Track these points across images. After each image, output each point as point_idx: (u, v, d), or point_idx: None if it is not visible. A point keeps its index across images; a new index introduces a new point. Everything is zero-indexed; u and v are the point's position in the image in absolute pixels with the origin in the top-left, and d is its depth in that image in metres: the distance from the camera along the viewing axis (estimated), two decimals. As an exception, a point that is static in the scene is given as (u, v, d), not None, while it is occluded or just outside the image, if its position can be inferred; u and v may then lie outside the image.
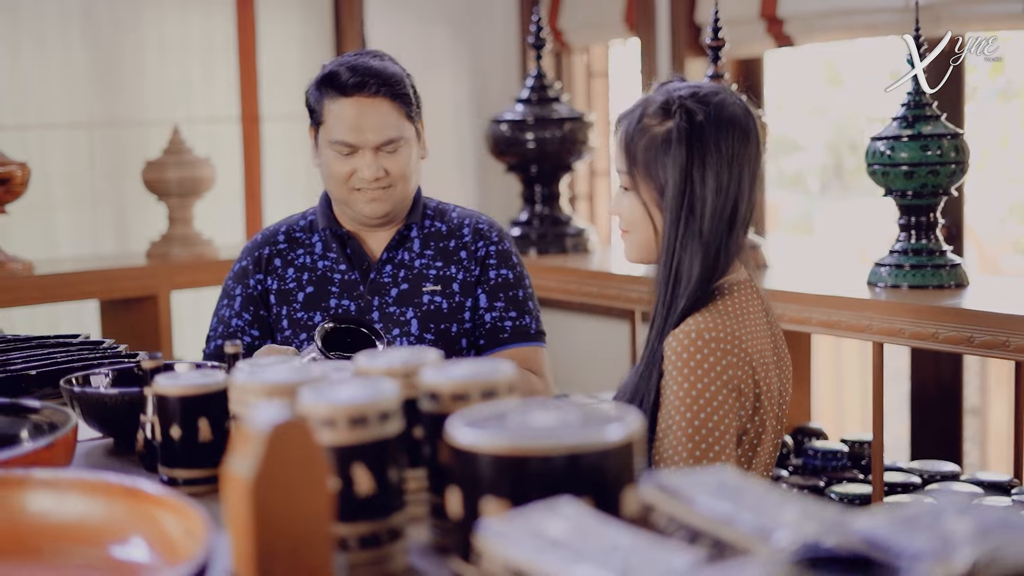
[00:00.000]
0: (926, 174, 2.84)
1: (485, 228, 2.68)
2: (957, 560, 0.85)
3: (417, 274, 2.61)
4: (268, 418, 1.06)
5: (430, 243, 2.64)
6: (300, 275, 2.63)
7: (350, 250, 2.64)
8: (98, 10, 4.59)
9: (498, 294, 2.62)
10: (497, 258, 2.65)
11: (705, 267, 2.03)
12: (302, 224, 2.69)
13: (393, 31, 5.27)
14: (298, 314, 2.59)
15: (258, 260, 2.65)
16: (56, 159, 4.53)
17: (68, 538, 1.26)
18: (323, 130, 2.56)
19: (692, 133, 2.02)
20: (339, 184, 2.56)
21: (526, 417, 1.20)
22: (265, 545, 1.05)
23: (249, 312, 2.63)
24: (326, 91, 2.55)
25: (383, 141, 2.53)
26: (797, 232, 7.75)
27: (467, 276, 2.62)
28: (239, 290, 2.64)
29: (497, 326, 2.61)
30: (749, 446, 2.04)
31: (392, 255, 2.63)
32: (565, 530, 1.01)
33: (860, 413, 5.46)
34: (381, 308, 2.59)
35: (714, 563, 0.91)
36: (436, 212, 2.69)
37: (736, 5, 4.33)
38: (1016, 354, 2.56)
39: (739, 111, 2.06)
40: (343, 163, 2.55)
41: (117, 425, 1.83)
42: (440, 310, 2.59)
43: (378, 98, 2.53)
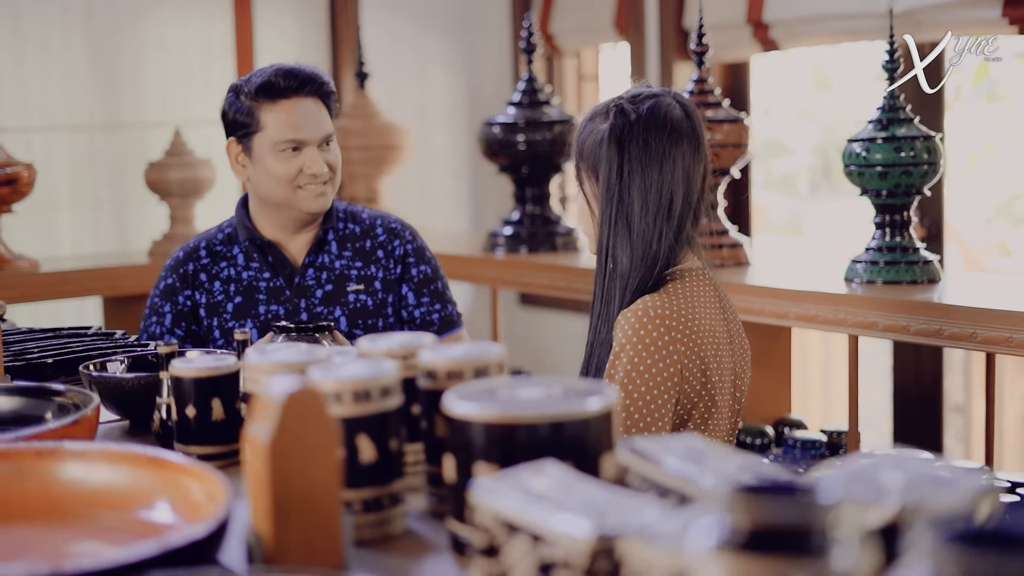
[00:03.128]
0: (899, 174, 2.96)
1: (398, 227, 2.85)
2: (887, 505, 0.98)
3: (340, 275, 2.77)
4: (283, 387, 1.18)
5: (347, 244, 2.80)
6: (227, 287, 2.75)
7: (271, 258, 2.76)
8: (99, 15, 4.71)
9: (423, 289, 2.81)
10: (415, 255, 2.83)
11: (637, 256, 2.19)
12: (220, 238, 2.81)
13: (388, 35, 5.39)
14: (229, 324, 2.73)
15: (184, 276, 2.76)
16: (59, 160, 4.65)
17: (98, 504, 1.38)
18: (262, 137, 2.69)
19: (624, 131, 2.19)
20: (285, 185, 2.69)
21: (514, 391, 1.33)
22: (280, 501, 1.17)
23: (181, 328, 2.75)
24: (261, 100, 2.68)
25: (324, 136, 2.71)
26: (786, 233, 7.86)
27: (387, 274, 2.79)
28: (168, 307, 2.76)
29: (427, 320, 2.81)
30: (700, 420, 2.19)
31: (313, 259, 2.77)
32: (548, 486, 1.14)
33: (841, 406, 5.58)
34: (309, 309, 2.74)
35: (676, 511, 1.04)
36: (348, 215, 2.84)
37: (723, 10, 4.44)
38: (983, 345, 2.68)
39: (676, 112, 2.21)
40: (289, 162, 2.68)
41: (134, 408, 1.95)
42: (366, 307, 2.76)
43: (312, 98, 2.71)
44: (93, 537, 1.35)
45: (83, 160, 4.73)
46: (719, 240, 3.45)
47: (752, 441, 3.49)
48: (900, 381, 4.10)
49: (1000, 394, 4.91)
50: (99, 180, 4.75)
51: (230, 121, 2.73)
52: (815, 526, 0.74)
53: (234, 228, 2.80)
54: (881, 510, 0.98)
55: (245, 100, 2.70)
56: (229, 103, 2.73)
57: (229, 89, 2.76)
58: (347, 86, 5.20)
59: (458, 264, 4.02)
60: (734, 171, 3.46)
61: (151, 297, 2.80)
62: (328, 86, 2.75)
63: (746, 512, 0.76)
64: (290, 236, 2.77)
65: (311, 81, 2.71)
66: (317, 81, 2.72)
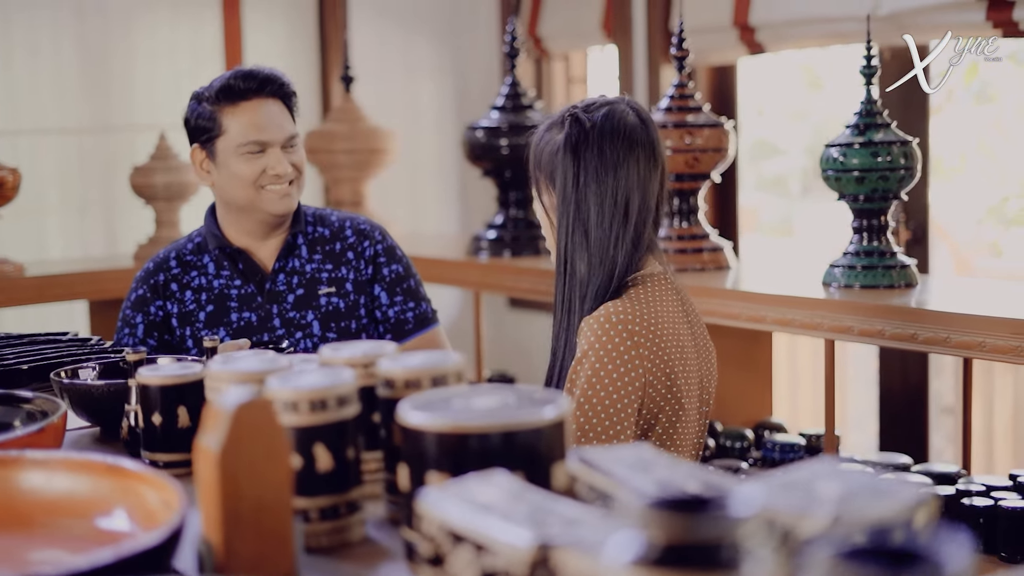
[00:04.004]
0: (876, 179, 2.98)
1: (367, 228, 2.85)
2: (818, 516, 0.99)
3: (311, 279, 2.77)
4: (234, 398, 1.20)
5: (316, 248, 2.80)
6: (198, 296, 2.76)
7: (241, 265, 2.77)
8: (89, 18, 4.72)
9: (395, 288, 2.82)
10: (386, 255, 2.83)
11: (595, 263, 2.20)
12: (190, 247, 2.82)
13: (377, 39, 5.40)
14: (201, 332, 2.73)
15: (155, 287, 2.77)
16: (47, 164, 4.66)
17: (59, 512, 1.39)
18: (224, 140, 2.69)
19: (579, 140, 2.21)
20: (248, 187, 2.69)
21: (469, 401, 1.35)
22: (230, 510, 1.18)
23: (153, 338, 2.75)
24: (223, 103, 2.68)
25: (287, 137, 2.71)
26: (777, 234, 7.87)
27: (358, 276, 2.80)
28: (140, 318, 2.76)
29: (401, 319, 2.82)
30: (668, 425, 2.20)
31: (283, 264, 2.77)
32: (494, 496, 1.15)
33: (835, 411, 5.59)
34: (281, 315, 2.74)
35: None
36: (316, 218, 2.85)
37: (709, 13, 4.45)
38: (956, 350, 2.70)
39: (630, 120, 2.23)
40: (253, 164, 2.69)
41: (103, 414, 1.96)
42: (338, 309, 2.76)
43: (273, 99, 2.71)
44: (54, 545, 1.36)
45: (72, 163, 4.74)
46: (699, 244, 3.46)
47: (732, 444, 3.51)
48: (886, 384, 4.11)
49: (991, 395, 4.93)
50: (88, 183, 4.77)
51: (192, 128, 2.74)
52: (727, 540, 0.76)
53: (203, 237, 2.80)
54: (812, 520, 0.99)
55: (207, 105, 2.70)
56: (191, 110, 2.74)
57: (191, 97, 2.76)
58: (335, 90, 5.22)
59: (442, 268, 4.04)
60: (715, 175, 3.48)
61: (123, 309, 2.80)
62: (288, 87, 2.75)
63: (659, 527, 0.77)
64: (259, 242, 2.78)
65: (270, 82, 2.71)
66: (277, 82, 2.72)
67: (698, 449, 2.31)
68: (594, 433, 2.11)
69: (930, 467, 3.22)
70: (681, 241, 3.47)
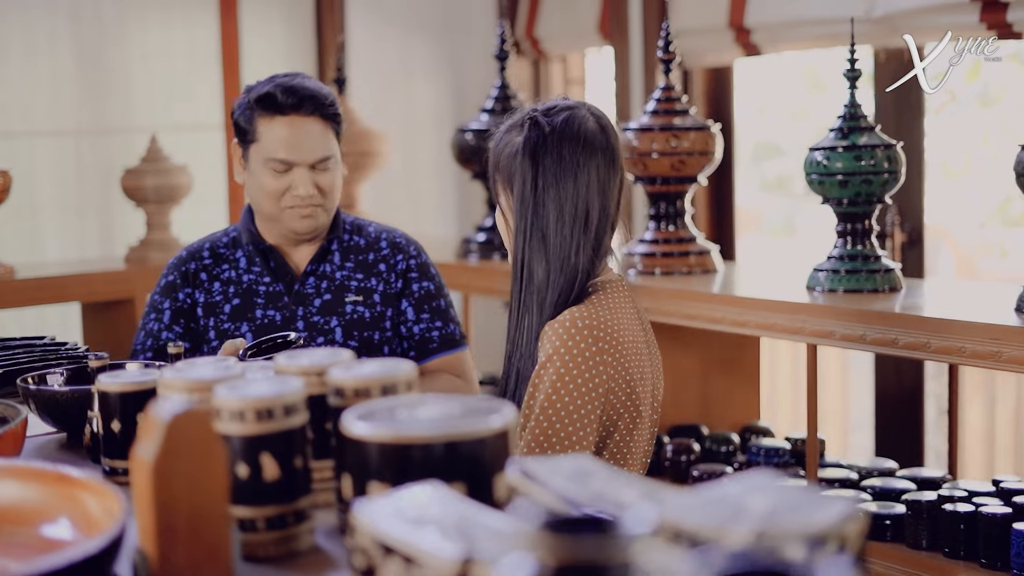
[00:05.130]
0: (859, 183, 2.97)
1: (403, 242, 2.82)
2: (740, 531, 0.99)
3: (339, 285, 2.75)
4: (169, 409, 1.20)
5: (349, 256, 2.78)
6: (226, 288, 2.74)
7: (273, 263, 2.75)
8: (85, 20, 4.72)
9: (423, 306, 2.77)
10: (418, 271, 2.80)
11: (555, 269, 2.19)
12: (225, 241, 2.81)
13: (373, 39, 5.40)
14: (225, 325, 2.71)
15: (185, 275, 2.76)
16: (43, 165, 4.67)
17: (5, 519, 1.39)
18: (256, 148, 2.68)
19: (537, 144, 2.19)
20: (272, 201, 2.68)
21: (414, 410, 1.34)
22: (165, 521, 1.18)
23: (179, 325, 2.74)
24: (261, 111, 2.66)
25: (317, 159, 2.67)
26: (779, 235, 7.85)
27: (387, 288, 2.76)
28: (167, 304, 2.75)
29: (425, 337, 2.76)
30: (625, 431, 2.19)
31: (315, 268, 2.75)
32: (427, 508, 1.15)
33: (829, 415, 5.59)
34: (306, 317, 2.71)
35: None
36: (353, 227, 2.82)
37: (705, 15, 4.45)
38: (937, 355, 2.69)
39: (590, 125, 2.21)
40: (277, 180, 2.66)
41: (69, 420, 1.97)
42: (363, 319, 2.73)
43: (312, 118, 2.67)
44: (2, 554, 1.36)
45: (68, 165, 4.75)
46: (686, 247, 3.46)
47: (717, 448, 3.50)
48: (882, 387, 4.10)
49: (993, 398, 4.92)
50: (84, 186, 4.77)
51: (235, 122, 2.73)
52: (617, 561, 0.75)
53: (239, 232, 2.79)
54: (733, 536, 0.98)
55: (248, 109, 2.69)
56: (238, 104, 2.72)
57: (244, 89, 2.74)
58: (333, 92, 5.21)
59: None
60: (701, 178, 3.47)
61: (151, 294, 2.80)
62: (332, 107, 2.71)
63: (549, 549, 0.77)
64: (293, 245, 2.77)
65: (311, 100, 2.67)
66: (317, 100, 2.68)
67: (648, 456, 2.31)
68: (556, 439, 2.10)
69: (916, 472, 3.21)
70: (667, 244, 3.46)
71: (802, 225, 7.90)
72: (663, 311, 3.25)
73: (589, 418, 2.12)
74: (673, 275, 3.43)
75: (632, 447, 2.22)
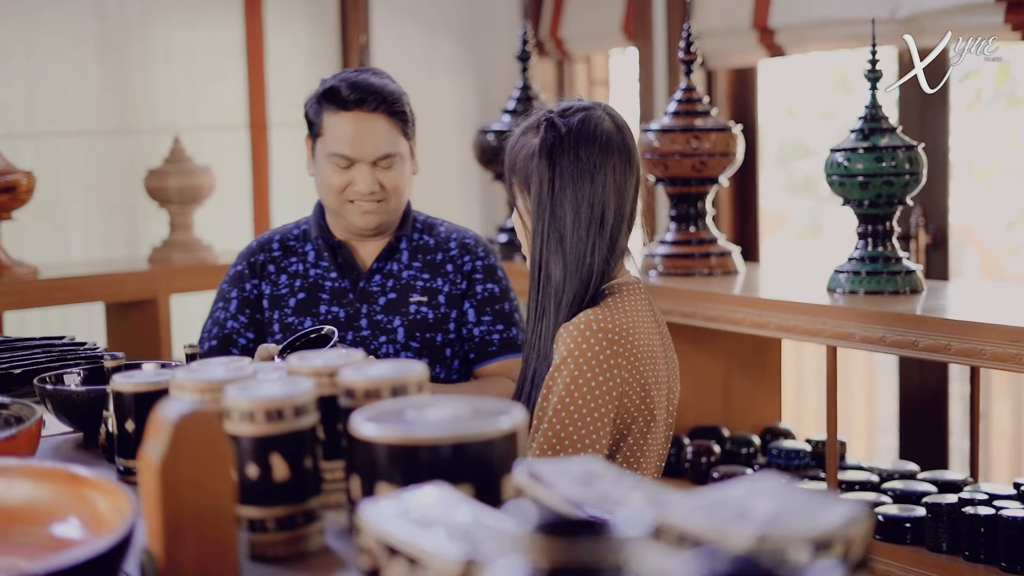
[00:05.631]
0: (880, 184, 2.96)
1: (471, 243, 2.80)
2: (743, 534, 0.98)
3: (405, 284, 2.73)
4: (175, 410, 1.20)
5: (417, 255, 2.76)
6: (292, 282, 2.74)
7: (341, 259, 2.75)
8: (110, 20, 4.74)
9: (485, 308, 2.74)
10: (483, 272, 2.77)
11: (571, 270, 2.17)
12: (295, 233, 2.81)
13: (398, 39, 5.40)
14: (289, 319, 2.71)
15: (253, 266, 2.77)
16: (68, 166, 4.69)
17: (17, 519, 1.40)
18: (321, 142, 2.68)
19: (554, 145, 2.18)
20: (334, 195, 2.68)
21: (423, 412, 1.34)
22: (171, 521, 1.19)
23: (245, 315, 2.74)
24: (326, 105, 2.66)
25: (379, 156, 2.66)
26: (805, 236, 7.83)
27: (453, 289, 2.74)
28: (235, 293, 2.76)
29: (486, 339, 2.74)
30: (640, 435, 2.18)
31: (381, 265, 2.74)
32: (432, 509, 1.15)
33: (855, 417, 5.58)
34: (369, 316, 2.70)
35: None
36: (424, 226, 2.81)
37: (729, 15, 4.44)
38: (957, 357, 2.67)
39: (606, 125, 2.20)
40: (340, 175, 2.66)
41: (85, 420, 1.97)
42: (426, 320, 2.70)
43: (376, 114, 2.66)
44: (10, 553, 1.37)
45: (93, 166, 4.76)
46: (707, 248, 3.45)
47: (738, 450, 3.49)
48: (906, 389, 4.08)
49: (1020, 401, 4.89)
50: (109, 186, 4.79)
51: (306, 116, 2.74)
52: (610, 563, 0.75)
53: (310, 225, 2.80)
54: (735, 539, 0.98)
55: (316, 102, 2.69)
56: (309, 99, 2.73)
57: (320, 82, 2.74)
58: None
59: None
60: (723, 179, 3.46)
61: (221, 283, 2.82)
62: (398, 105, 2.69)
63: (541, 552, 0.77)
64: (361, 240, 2.76)
65: (375, 96, 2.66)
66: (382, 97, 2.67)
67: (663, 460, 2.30)
68: (569, 442, 2.10)
69: (938, 474, 3.20)
70: (689, 246, 3.45)
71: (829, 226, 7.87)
72: (683, 312, 3.25)
73: (602, 421, 2.11)
74: (694, 276, 3.42)
75: (646, 451, 2.21)
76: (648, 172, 3.49)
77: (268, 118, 5.02)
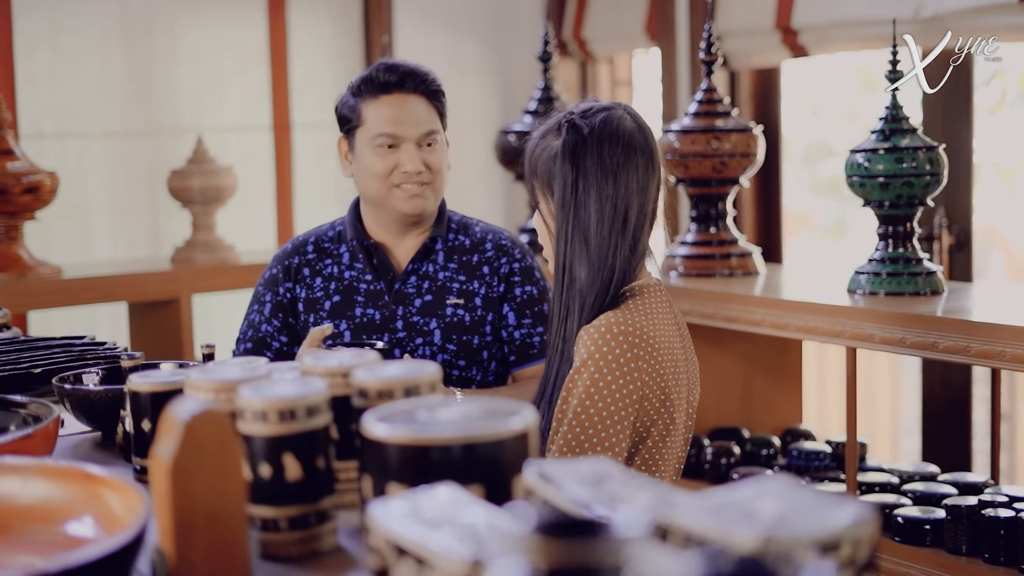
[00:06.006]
0: (901, 185, 2.95)
1: (508, 245, 2.78)
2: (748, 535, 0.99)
3: (441, 286, 2.71)
4: (187, 409, 1.21)
5: (453, 256, 2.74)
6: (327, 284, 2.74)
7: (376, 260, 2.73)
8: (135, 21, 4.76)
9: (525, 311, 2.73)
10: (521, 275, 2.75)
11: (595, 270, 2.17)
12: (331, 235, 2.80)
13: (421, 39, 5.41)
14: (324, 322, 2.70)
15: (287, 269, 2.76)
16: (94, 166, 4.71)
17: (31, 518, 1.41)
18: (361, 132, 2.68)
19: (576, 146, 2.17)
20: (380, 181, 2.66)
21: (434, 412, 1.35)
22: (182, 520, 1.19)
23: (278, 319, 2.74)
24: (365, 94, 2.67)
25: (424, 133, 2.66)
26: (831, 237, 7.81)
27: (489, 291, 2.72)
28: (269, 297, 2.76)
29: (526, 342, 2.73)
30: (659, 437, 2.18)
31: (417, 267, 2.73)
32: (441, 510, 1.15)
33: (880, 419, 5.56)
34: (405, 317, 2.69)
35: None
36: (460, 226, 2.79)
37: (752, 16, 4.44)
38: (977, 359, 2.66)
39: (628, 125, 2.20)
40: (386, 158, 2.65)
41: (103, 420, 1.99)
42: (463, 322, 2.69)
43: (415, 95, 2.68)
44: (26, 551, 1.38)
45: (118, 166, 4.79)
46: (728, 249, 3.45)
47: (758, 451, 3.48)
48: (929, 391, 4.07)
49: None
50: (134, 186, 4.81)
51: (339, 117, 2.74)
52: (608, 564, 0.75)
53: (345, 226, 2.78)
54: (741, 540, 0.98)
55: (351, 96, 2.70)
56: (341, 100, 2.74)
57: (348, 87, 2.75)
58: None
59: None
60: (743, 180, 3.46)
61: (257, 285, 2.81)
62: (434, 83, 2.71)
63: (540, 553, 0.77)
64: (397, 239, 2.74)
65: (412, 77, 2.67)
66: (419, 77, 2.68)
67: (682, 463, 2.30)
68: (589, 444, 2.10)
69: (959, 476, 3.19)
70: (709, 246, 3.45)
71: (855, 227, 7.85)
72: (704, 313, 3.25)
73: (622, 424, 2.11)
74: (715, 277, 3.42)
75: (665, 454, 2.20)
76: (669, 173, 3.48)
77: (291, 119, 5.04)
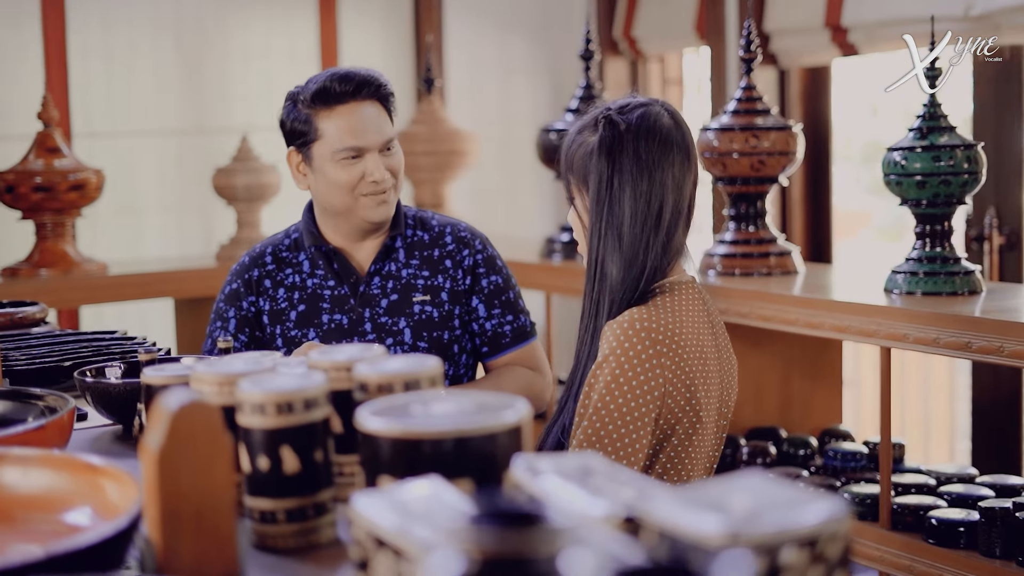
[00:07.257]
0: (938, 184, 2.92)
1: (467, 236, 2.76)
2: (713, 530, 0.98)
3: (406, 284, 2.69)
4: (175, 400, 1.22)
5: (414, 252, 2.72)
6: (291, 294, 2.70)
7: (337, 265, 2.70)
8: (187, 22, 4.82)
9: (493, 301, 2.73)
10: (485, 265, 2.75)
11: (626, 266, 2.16)
12: (287, 243, 2.75)
13: (472, 38, 5.43)
14: (291, 332, 2.67)
15: (248, 282, 2.72)
16: (145, 165, 4.77)
17: (33, 507, 1.43)
18: (319, 146, 2.62)
19: (613, 142, 2.16)
20: (346, 194, 2.62)
21: (428, 406, 1.35)
22: (170, 511, 1.20)
23: (244, 334, 2.71)
24: (318, 107, 2.61)
25: (385, 140, 2.64)
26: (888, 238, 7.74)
27: (455, 285, 2.71)
28: (232, 312, 2.72)
29: (498, 332, 2.73)
30: (684, 436, 2.16)
31: (379, 267, 2.70)
32: (423, 503, 1.16)
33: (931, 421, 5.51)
34: (373, 319, 2.67)
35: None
36: (416, 221, 2.76)
37: (802, 14, 4.42)
38: (1010, 359, 2.63)
39: (665, 121, 2.18)
40: (350, 170, 2.61)
41: (123, 412, 2.01)
42: (431, 319, 2.68)
43: (369, 102, 2.64)
44: (25, 540, 1.40)
45: (169, 164, 4.85)
46: (766, 248, 3.43)
47: (795, 452, 3.46)
48: (978, 393, 4.03)
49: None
50: (184, 184, 4.87)
51: (288, 131, 2.67)
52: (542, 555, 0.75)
53: (301, 234, 2.74)
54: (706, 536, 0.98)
55: (302, 108, 2.62)
56: (287, 112, 2.67)
57: (286, 98, 2.68)
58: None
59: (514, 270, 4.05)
60: (782, 179, 3.44)
61: (217, 302, 2.77)
62: (386, 88, 2.67)
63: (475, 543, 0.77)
64: (356, 243, 2.71)
65: (367, 84, 2.62)
66: (374, 84, 2.64)
67: (713, 462, 2.28)
68: (609, 440, 2.09)
69: (998, 479, 3.15)
70: (747, 245, 3.43)
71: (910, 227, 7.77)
72: (740, 312, 3.23)
73: (643, 421, 2.10)
74: (752, 276, 3.40)
75: (692, 452, 2.18)
76: (707, 171, 3.47)
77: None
